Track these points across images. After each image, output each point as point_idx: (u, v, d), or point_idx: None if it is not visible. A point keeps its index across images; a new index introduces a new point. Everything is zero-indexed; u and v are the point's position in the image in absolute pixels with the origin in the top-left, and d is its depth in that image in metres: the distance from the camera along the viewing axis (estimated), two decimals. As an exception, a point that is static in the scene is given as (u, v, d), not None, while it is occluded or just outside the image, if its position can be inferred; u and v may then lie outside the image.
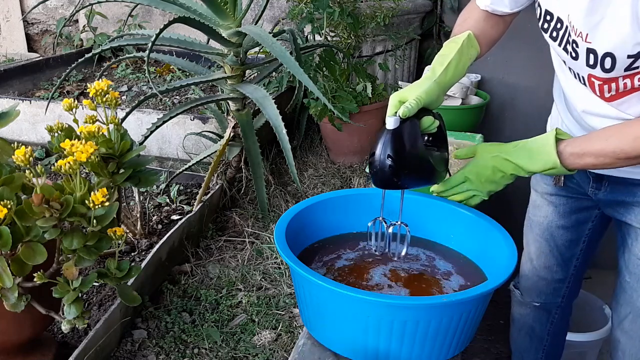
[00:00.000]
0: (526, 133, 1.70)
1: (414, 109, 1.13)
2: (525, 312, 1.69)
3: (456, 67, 1.22)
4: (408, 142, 1.17)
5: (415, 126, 1.18)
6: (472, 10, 1.33)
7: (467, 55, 1.24)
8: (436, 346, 1.10)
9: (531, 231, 1.59)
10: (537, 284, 1.62)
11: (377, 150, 1.15)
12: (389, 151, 1.14)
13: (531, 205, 1.59)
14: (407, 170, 1.19)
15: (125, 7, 3.69)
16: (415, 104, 1.13)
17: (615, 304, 1.40)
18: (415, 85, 1.17)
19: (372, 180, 1.20)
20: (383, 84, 2.62)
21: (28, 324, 1.31)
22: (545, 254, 1.57)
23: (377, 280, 1.22)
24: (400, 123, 1.14)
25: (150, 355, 1.55)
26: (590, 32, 1.05)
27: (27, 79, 3.33)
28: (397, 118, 1.14)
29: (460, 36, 1.24)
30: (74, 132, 1.24)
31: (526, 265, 1.64)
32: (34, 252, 1.10)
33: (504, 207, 1.74)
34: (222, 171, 2.28)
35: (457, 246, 1.34)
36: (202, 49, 2.21)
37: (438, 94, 1.19)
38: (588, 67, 1.11)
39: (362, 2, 2.72)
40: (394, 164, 1.15)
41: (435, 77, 1.18)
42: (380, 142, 1.15)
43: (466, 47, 1.23)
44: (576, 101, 1.25)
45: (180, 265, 1.92)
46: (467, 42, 1.23)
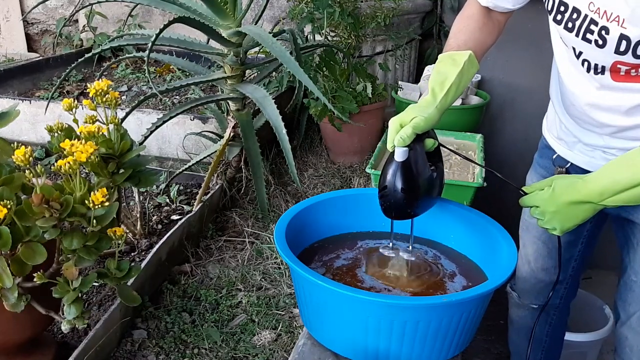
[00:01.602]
0: (526, 133, 1.70)
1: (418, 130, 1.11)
2: (524, 314, 1.68)
3: (456, 90, 1.19)
4: (417, 170, 1.15)
5: (422, 153, 1.17)
6: (467, 18, 1.31)
7: (467, 77, 1.21)
8: (436, 346, 1.10)
9: (528, 233, 1.58)
10: (535, 286, 1.61)
11: (388, 183, 1.13)
12: (402, 184, 1.12)
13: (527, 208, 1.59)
14: (420, 198, 1.18)
15: (125, 7, 3.69)
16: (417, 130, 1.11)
17: (621, 303, 1.39)
18: (417, 109, 1.14)
19: (385, 213, 1.18)
20: (383, 84, 2.62)
21: (28, 324, 1.31)
22: (543, 256, 1.56)
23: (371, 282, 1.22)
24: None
25: (150, 355, 1.55)
26: (629, 17, 1.02)
27: (27, 79, 3.33)
28: (406, 150, 1.11)
29: (461, 55, 1.21)
30: (74, 132, 1.24)
31: (523, 268, 1.62)
32: (34, 252, 1.10)
33: (504, 207, 1.74)
34: (222, 171, 2.28)
35: (457, 246, 1.34)
36: (202, 48, 2.21)
37: (438, 119, 1.17)
38: (617, 54, 1.07)
39: (362, 2, 2.72)
40: (407, 195, 1.13)
41: (436, 102, 1.15)
42: (391, 174, 1.13)
43: (467, 68, 1.20)
44: (581, 95, 1.22)
45: (180, 265, 1.92)
46: (468, 64, 1.20)
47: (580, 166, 1.37)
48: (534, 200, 1.19)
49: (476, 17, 1.30)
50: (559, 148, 1.43)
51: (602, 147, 1.29)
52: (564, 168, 1.42)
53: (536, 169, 1.55)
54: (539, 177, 1.52)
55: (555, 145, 1.44)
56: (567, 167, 1.42)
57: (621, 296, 1.40)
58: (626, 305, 1.37)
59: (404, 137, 1.10)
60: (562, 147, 1.42)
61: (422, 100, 1.17)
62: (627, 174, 1.06)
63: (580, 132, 1.32)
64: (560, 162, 1.43)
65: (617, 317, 1.42)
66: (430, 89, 1.18)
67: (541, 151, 1.53)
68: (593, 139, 1.30)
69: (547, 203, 1.16)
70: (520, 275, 1.64)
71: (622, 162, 1.09)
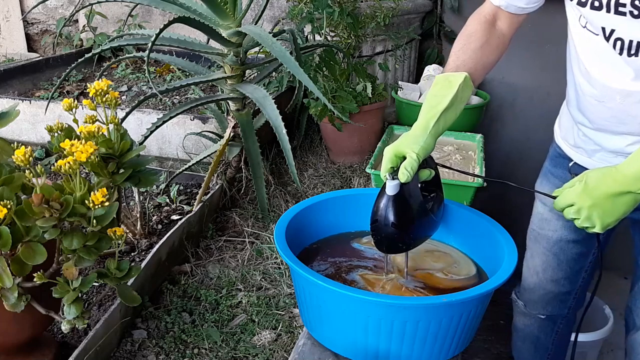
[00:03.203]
0: (526, 133, 1.70)
1: (414, 171, 1.08)
2: (530, 322, 1.65)
3: (450, 114, 1.15)
4: (409, 204, 1.12)
5: (416, 186, 1.14)
6: (468, 37, 1.26)
7: (462, 99, 1.17)
8: (436, 346, 1.10)
9: (538, 244, 1.53)
10: (544, 297, 1.57)
11: (378, 217, 1.11)
12: (393, 218, 1.10)
13: (537, 218, 1.53)
14: (412, 233, 1.16)
15: (125, 7, 3.69)
16: (415, 164, 1.08)
17: (636, 309, 1.36)
18: (410, 138, 1.11)
19: (377, 246, 1.17)
20: (383, 84, 2.62)
21: (28, 324, 1.31)
22: (552, 268, 1.52)
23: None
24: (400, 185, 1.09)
25: (150, 355, 1.55)
26: None
27: (27, 78, 3.33)
28: (398, 183, 1.09)
29: (456, 77, 1.17)
30: (74, 132, 1.24)
31: (531, 278, 1.58)
32: (34, 252, 1.10)
33: (504, 207, 1.74)
34: (222, 171, 2.28)
35: (457, 245, 1.34)
36: (202, 48, 2.21)
37: (433, 144, 1.13)
38: None
39: (362, 2, 2.72)
40: (398, 230, 1.11)
41: (429, 128, 1.12)
42: (382, 208, 1.11)
43: (461, 91, 1.16)
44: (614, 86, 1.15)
45: (180, 265, 1.92)
46: (463, 86, 1.16)
47: None
48: (567, 199, 1.10)
49: (478, 35, 1.25)
50: (576, 156, 1.37)
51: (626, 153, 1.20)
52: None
53: (549, 179, 1.49)
54: (552, 187, 1.45)
55: (572, 153, 1.38)
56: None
57: (636, 303, 1.36)
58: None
59: (410, 171, 1.07)
60: (580, 155, 1.36)
61: (415, 127, 1.14)
62: None
63: (603, 137, 1.26)
64: (577, 170, 1.35)
65: (630, 324, 1.39)
66: (424, 115, 1.14)
67: (554, 160, 1.47)
68: (617, 143, 1.23)
69: (581, 198, 1.08)
70: (527, 286, 1.60)
71: None
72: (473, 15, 1.29)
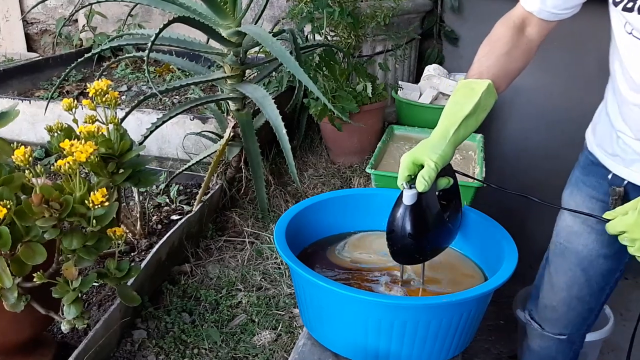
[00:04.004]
0: (526, 133, 1.70)
1: (432, 180, 1.03)
2: (547, 344, 1.58)
3: (471, 123, 1.11)
4: (427, 214, 1.09)
5: (433, 195, 1.11)
6: (494, 42, 1.20)
7: (484, 108, 1.12)
8: (436, 346, 1.10)
9: (564, 259, 1.47)
10: (567, 315, 1.51)
11: (395, 228, 1.08)
12: (410, 229, 1.07)
13: (564, 231, 1.46)
14: (429, 244, 1.13)
15: (125, 7, 3.68)
16: (434, 174, 1.03)
17: None
18: (428, 146, 1.06)
19: (393, 257, 1.13)
20: (383, 83, 2.62)
21: (27, 324, 1.30)
22: (579, 284, 1.46)
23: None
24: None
25: (150, 355, 1.55)
26: None
27: (27, 78, 3.33)
28: (416, 192, 1.04)
29: (479, 85, 1.12)
30: (74, 132, 1.24)
31: (555, 296, 1.50)
32: (34, 252, 1.10)
33: (504, 207, 1.74)
34: (221, 171, 2.28)
35: (457, 246, 1.34)
36: (201, 48, 2.21)
37: (452, 153, 1.09)
38: None
39: (362, 2, 2.71)
40: (415, 241, 1.08)
41: (449, 135, 1.07)
42: (399, 218, 1.07)
43: (484, 98, 1.11)
44: None
45: (180, 265, 1.92)
46: (486, 94, 1.11)
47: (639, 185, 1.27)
48: (619, 227, 1.06)
49: (505, 40, 1.20)
50: (612, 165, 1.32)
51: None
52: (622, 187, 1.30)
53: (580, 188, 1.43)
54: (585, 197, 1.40)
55: (609, 162, 1.33)
56: (624, 185, 1.30)
57: None
58: None
59: (428, 180, 1.02)
60: (617, 164, 1.31)
61: (433, 134, 1.09)
62: None
63: None
64: (616, 182, 1.32)
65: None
66: (443, 122, 1.09)
67: (587, 168, 1.41)
68: None
69: (635, 228, 1.03)
70: (548, 304, 1.53)
71: None
72: (501, 20, 1.24)
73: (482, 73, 1.15)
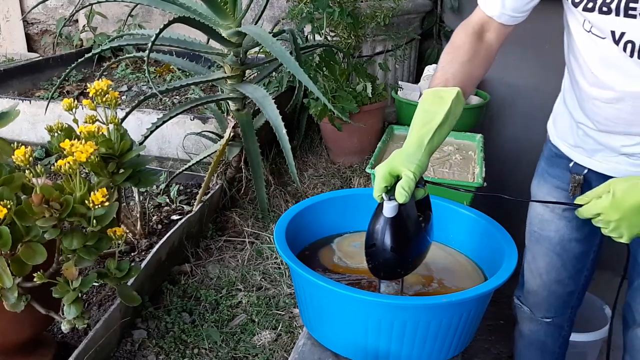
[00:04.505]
0: (526, 132, 1.70)
1: (412, 191, 1.02)
2: (536, 328, 1.64)
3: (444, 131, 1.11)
4: (407, 226, 1.06)
5: (413, 206, 1.08)
6: (457, 49, 1.22)
7: (455, 116, 1.13)
8: (436, 346, 1.10)
9: (539, 246, 1.53)
10: (548, 299, 1.57)
11: (376, 241, 1.04)
12: (391, 242, 1.03)
13: (536, 219, 1.52)
14: (410, 257, 1.10)
15: (125, 7, 3.68)
16: (413, 184, 1.02)
17: (635, 305, 1.37)
18: (404, 156, 1.06)
19: (372, 272, 1.10)
20: (383, 84, 2.62)
21: (28, 324, 1.31)
22: (556, 269, 1.52)
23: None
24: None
25: (150, 355, 1.55)
26: None
27: (27, 78, 3.33)
28: (396, 204, 1.01)
29: (449, 93, 1.13)
30: (74, 132, 1.24)
31: (535, 281, 1.57)
32: (34, 252, 1.10)
33: (503, 207, 1.74)
34: (222, 171, 2.28)
35: (457, 246, 1.34)
36: (202, 48, 2.21)
37: (428, 162, 1.09)
38: None
39: (362, 2, 2.72)
40: (398, 254, 1.05)
41: (424, 145, 1.07)
42: (379, 231, 1.04)
43: (454, 106, 1.12)
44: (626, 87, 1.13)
45: (180, 265, 1.92)
46: (455, 101, 1.12)
47: (601, 172, 1.31)
48: (593, 209, 1.09)
49: (466, 48, 1.21)
50: (575, 156, 1.37)
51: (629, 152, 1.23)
52: (582, 175, 1.36)
53: (546, 179, 1.48)
54: (550, 188, 1.46)
55: (571, 153, 1.38)
56: (585, 173, 1.35)
57: (635, 299, 1.36)
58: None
59: (408, 191, 1.00)
60: (579, 154, 1.36)
61: (407, 144, 1.09)
62: None
63: (607, 137, 1.25)
64: (578, 170, 1.37)
65: (630, 320, 1.39)
66: (416, 131, 1.10)
67: (550, 160, 1.46)
68: (620, 142, 1.23)
69: (609, 210, 1.06)
70: (531, 289, 1.59)
71: None
72: (460, 26, 1.26)
73: (448, 80, 1.16)
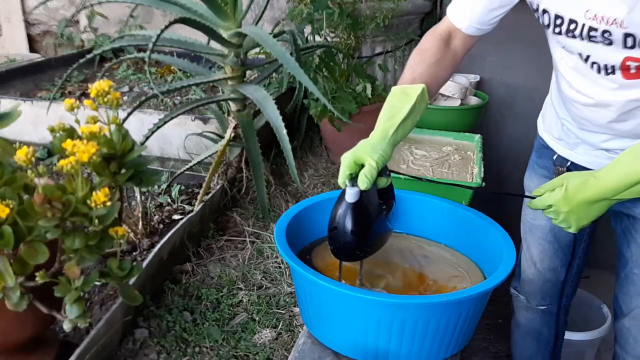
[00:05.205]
0: (526, 133, 1.71)
1: (374, 179, 1.08)
2: (532, 316, 1.68)
3: (408, 124, 1.17)
4: (368, 211, 1.12)
5: (374, 193, 1.14)
6: (424, 51, 1.28)
7: (419, 111, 1.19)
8: (435, 345, 1.10)
9: (532, 235, 1.58)
10: (543, 287, 1.61)
11: (337, 224, 1.10)
12: (352, 226, 1.09)
13: (529, 209, 1.55)
14: (370, 240, 1.15)
15: (126, 8, 3.69)
16: (375, 172, 1.08)
17: (622, 296, 1.40)
18: (369, 146, 1.12)
19: (334, 254, 1.16)
20: (383, 84, 2.63)
21: (30, 323, 1.31)
22: (549, 257, 1.56)
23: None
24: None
25: (151, 354, 1.56)
26: (627, 17, 1.03)
27: (29, 79, 3.34)
28: (357, 190, 1.07)
29: (414, 89, 1.19)
30: (76, 133, 1.25)
31: (529, 270, 1.62)
32: (36, 252, 1.11)
33: (502, 206, 1.75)
34: (222, 171, 2.29)
35: (456, 245, 1.35)
36: (202, 49, 2.21)
37: (391, 153, 1.14)
38: (626, 49, 1.08)
39: (361, 3, 2.72)
40: (357, 237, 1.11)
41: (388, 136, 1.13)
42: (341, 215, 1.09)
43: (419, 102, 1.17)
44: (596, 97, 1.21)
45: (182, 264, 1.93)
46: (420, 98, 1.18)
47: (582, 165, 1.38)
48: (546, 201, 1.16)
49: (433, 51, 1.28)
50: (559, 148, 1.44)
51: (606, 147, 1.30)
52: (565, 167, 1.43)
53: (535, 170, 1.55)
54: (539, 178, 1.52)
55: (555, 145, 1.45)
56: (567, 165, 1.43)
57: (622, 290, 1.40)
58: (627, 299, 1.38)
59: (370, 178, 1.07)
60: (562, 147, 1.43)
61: (373, 135, 1.15)
62: (638, 166, 1.06)
63: (585, 134, 1.33)
64: (560, 162, 1.45)
65: (618, 311, 1.43)
66: (382, 124, 1.15)
67: (539, 152, 1.54)
68: (598, 139, 1.30)
69: (560, 203, 1.14)
70: (527, 278, 1.64)
71: (632, 155, 1.08)
72: (429, 32, 1.32)
73: (415, 79, 1.22)
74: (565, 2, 1.12)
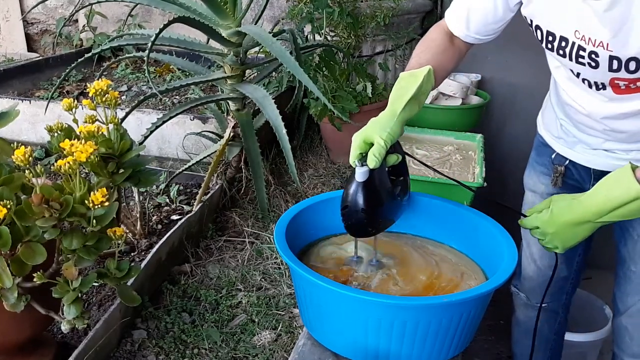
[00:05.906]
0: (527, 132, 1.70)
1: (382, 157, 1.11)
2: (533, 314, 1.68)
3: (415, 103, 1.19)
4: (379, 190, 1.15)
5: (384, 171, 1.17)
6: (430, 41, 1.32)
7: (424, 92, 1.21)
8: (436, 346, 1.10)
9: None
10: (543, 285, 1.60)
11: (349, 203, 1.13)
12: (362, 204, 1.12)
13: (528, 207, 1.58)
14: (380, 217, 1.19)
15: (125, 7, 3.68)
16: (383, 151, 1.10)
17: (620, 294, 1.42)
18: (378, 125, 1.14)
19: (347, 231, 1.19)
20: (383, 83, 2.62)
21: (28, 324, 1.31)
22: (549, 254, 1.54)
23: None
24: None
25: (150, 355, 1.55)
26: (611, 42, 1.07)
27: (27, 78, 3.33)
28: (367, 169, 1.11)
29: (421, 71, 1.21)
30: (74, 132, 1.24)
31: (530, 267, 1.63)
32: (34, 252, 1.10)
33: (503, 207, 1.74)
34: (222, 171, 2.28)
35: (457, 245, 1.34)
36: (201, 48, 2.21)
37: (400, 131, 1.17)
38: (612, 72, 1.12)
39: (361, 2, 2.71)
40: (368, 215, 1.14)
41: (396, 115, 1.15)
42: (352, 194, 1.13)
43: (425, 82, 1.20)
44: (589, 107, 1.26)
45: (180, 265, 1.92)
46: (426, 78, 1.20)
47: (580, 163, 1.41)
48: (533, 222, 1.21)
49: (439, 42, 1.31)
50: (558, 146, 1.46)
51: (604, 147, 1.33)
52: (563, 166, 1.45)
53: (535, 168, 1.57)
54: (538, 175, 1.54)
55: (554, 143, 1.47)
56: (565, 164, 1.45)
57: (620, 288, 1.43)
58: (624, 296, 1.41)
59: (378, 157, 1.10)
60: (561, 145, 1.45)
61: (382, 114, 1.17)
62: (620, 191, 1.08)
63: (582, 135, 1.36)
64: (559, 161, 1.46)
65: (616, 310, 1.46)
66: (391, 104, 1.18)
67: (538, 149, 1.56)
68: (595, 140, 1.33)
69: (546, 225, 1.18)
70: (527, 275, 1.65)
71: (613, 179, 1.11)
72: (435, 26, 1.36)
73: (422, 64, 1.25)
74: (557, 21, 1.15)
